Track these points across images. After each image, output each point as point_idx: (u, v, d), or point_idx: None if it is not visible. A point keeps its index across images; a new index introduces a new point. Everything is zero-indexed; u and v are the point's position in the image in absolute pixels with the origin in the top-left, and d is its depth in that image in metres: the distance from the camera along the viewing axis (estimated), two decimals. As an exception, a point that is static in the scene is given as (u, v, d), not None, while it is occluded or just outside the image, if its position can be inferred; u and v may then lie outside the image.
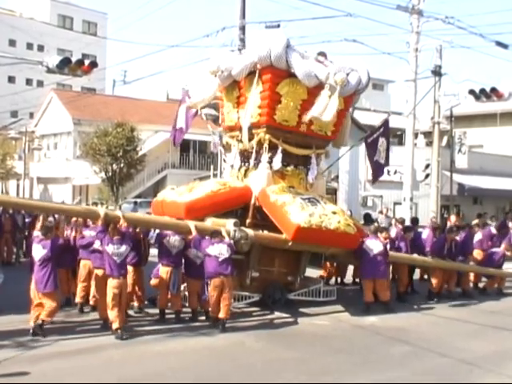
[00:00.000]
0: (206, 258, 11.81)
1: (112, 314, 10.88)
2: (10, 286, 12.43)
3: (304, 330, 12.04)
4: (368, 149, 16.43)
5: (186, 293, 12.79)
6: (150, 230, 13.07)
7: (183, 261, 12.53)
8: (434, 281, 15.67)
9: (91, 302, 12.53)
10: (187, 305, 12.70)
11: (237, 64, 14.18)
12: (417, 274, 17.11)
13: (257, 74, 13.81)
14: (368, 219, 17.71)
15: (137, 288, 12.77)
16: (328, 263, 16.33)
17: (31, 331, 10.75)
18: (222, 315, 11.63)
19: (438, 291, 15.68)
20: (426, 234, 16.57)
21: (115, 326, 10.85)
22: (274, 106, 13.86)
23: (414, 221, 17.80)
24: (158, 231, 12.85)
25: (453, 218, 19.97)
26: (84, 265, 12.63)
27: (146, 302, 13.14)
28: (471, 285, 16.99)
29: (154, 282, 12.78)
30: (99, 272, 11.60)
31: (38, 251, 11.06)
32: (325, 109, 13.42)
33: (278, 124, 14.00)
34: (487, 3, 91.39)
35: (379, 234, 14.40)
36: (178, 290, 12.43)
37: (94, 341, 10.66)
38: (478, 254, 17.19)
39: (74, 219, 13.34)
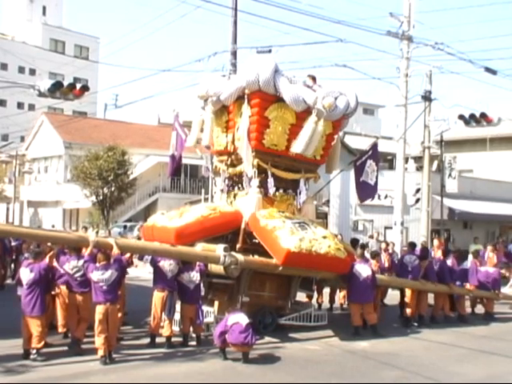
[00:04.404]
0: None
1: (98, 341, 10.77)
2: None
3: (295, 354, 11.96)
4: (356, 171, 16.50)
5: (178, 317, 12.70)
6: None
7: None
8: (421, 305, 15.74)
9: (60, 330, 12.25)
10: (178, 329, 12.62)
11: (225, 89, 14.24)
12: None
13: (246, 99, 13.85)
14: (355, 244, 17.35)
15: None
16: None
17: (33, 355, 10.69)
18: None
19: (433, 315, 15.98)
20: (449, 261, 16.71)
21: (100, 353, 10.74)
22: (262, 130, 13.91)
23: (412, 245, 16.98)
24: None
25: (435, 242, 19.77)
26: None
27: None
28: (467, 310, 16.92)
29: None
30: (71, 294, 11.59)
31: (26, 275, 11.02)
32: (307, 143, 13.53)
33: (266, 148, 14.03)
34: (476, 29, 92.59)
35: (371, 260, 14.45)
36: (173, 314, 12.38)
37: (82, 366, 10.54)
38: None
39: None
